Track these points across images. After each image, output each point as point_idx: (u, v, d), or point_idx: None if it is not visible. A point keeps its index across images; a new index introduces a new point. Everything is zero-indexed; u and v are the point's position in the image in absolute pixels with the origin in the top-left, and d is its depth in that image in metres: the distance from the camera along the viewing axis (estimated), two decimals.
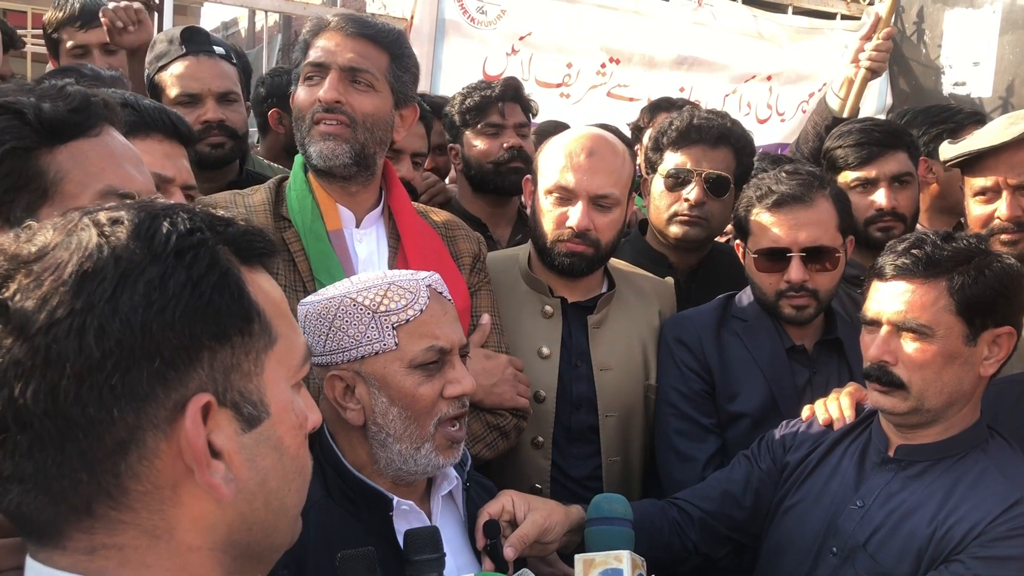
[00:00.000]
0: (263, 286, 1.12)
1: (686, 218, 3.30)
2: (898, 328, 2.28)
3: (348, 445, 2.11)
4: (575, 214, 2.78)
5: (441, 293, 2.11)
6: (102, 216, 1.04)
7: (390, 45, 2.60)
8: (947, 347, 2.25)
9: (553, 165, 2.83)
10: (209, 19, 10.33)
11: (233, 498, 1.04)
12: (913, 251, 2.31)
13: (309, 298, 2.10)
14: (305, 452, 1.16)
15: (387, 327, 2.00)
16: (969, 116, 4.00)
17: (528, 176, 3.00)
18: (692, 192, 3.29)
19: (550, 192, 2.83)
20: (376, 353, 2.02)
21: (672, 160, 3.35)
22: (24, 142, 1.62)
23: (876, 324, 2.32)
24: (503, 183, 3.76)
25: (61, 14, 4.36)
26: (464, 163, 3.86)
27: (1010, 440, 2.34)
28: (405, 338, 2.01)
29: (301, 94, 2.59)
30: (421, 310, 2.03)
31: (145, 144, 2.36)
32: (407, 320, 2.01)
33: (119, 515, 1.01)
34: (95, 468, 0.98)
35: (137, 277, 0.98)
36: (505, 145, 3.76)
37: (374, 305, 2.01)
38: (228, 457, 1.04)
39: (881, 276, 2.33)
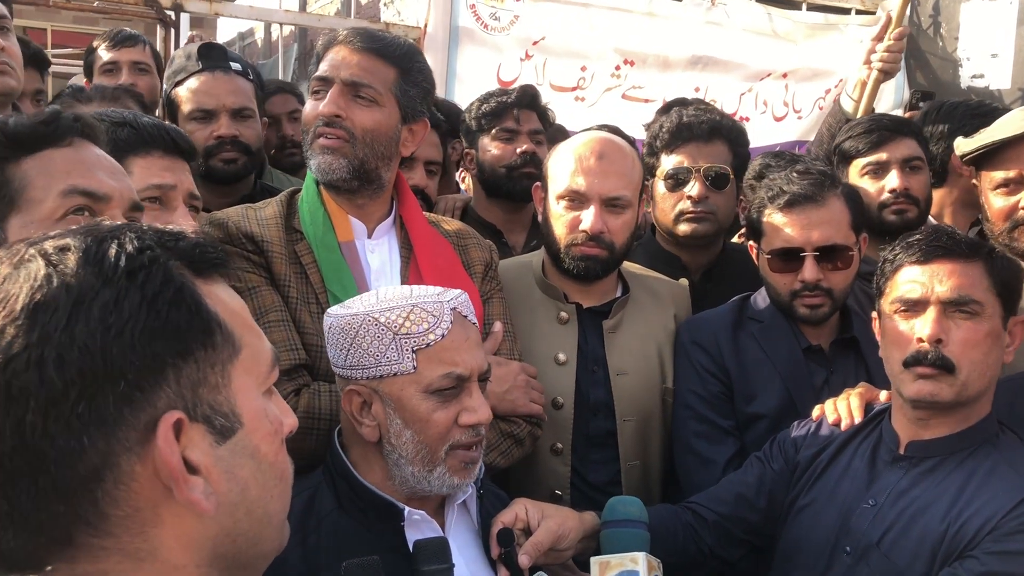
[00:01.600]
0: (221, 297, 1.11)
1: (692, 215, 3.32)
2: (948, 307, 2.27)
3: (363, 458, 2.11)
4: (588, 217, 2.79)
5: (466, 317, 2.10)
6: (48, 245, 1.03)
7: (398, 59, 2.60)
8: (993, 327, 2.28)
9: (563, 170, 2.84)
10: (225, 31, 10.39)
11: (215, 512, 1.04)
12: (943, 237, 2.32)
13: (335, 309, 2.10)
14: (283, 457, 1.16)
15: (407, 350, 2.00)
16: (1000, 111, 3.98)
17: (538, 183, 3.01)
18: (694, 189, 3.31)
19: (562, 197, 2.83)
20: (394, 374, 2.02)
21: (669, 162, 3.37)
22: None
23: (921, 305, 2.30)
24: (515, 188, 3.77)
25: (100, 40, 4.55)
26: (478, 168, 3.87)
27: (1020, 434, 2.33)
28: (424, 362, 2.01)
29: (307, 108, 2.61)
30: (443, 335, 2.02)
31: (145, 160, 2.38)
32: (427, 344, 2.01)
33: (100, 542, 1.00)
34: (71, 498, 0.98)
35: (91, 303, 0.98)
36: (519, 151, 3.77)
37: (395, 327, 2.00)
38: (206, 471, 1.03)
39: (919, 260, 2.32)
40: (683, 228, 3.34)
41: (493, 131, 3.83)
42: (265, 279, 2.46)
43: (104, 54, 4.49)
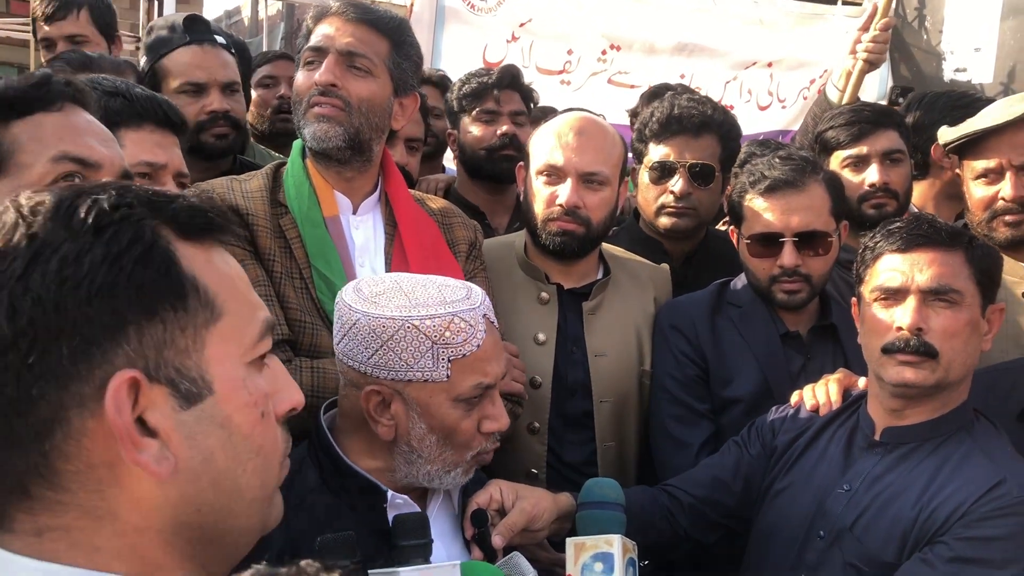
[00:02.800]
0: (213, 262, 1.09)
1: (673, 209, 3.32)
2: (928, 296, 2.29)
3: (358, 444, 2.09)
4: (564, 191, 2.81)
5: (493, 322, 2.09)
6: (22, 199, 1.03)
7: (391, 32, 2.59)
8: (972, 316, 2.29)
9: (543, 147, 2.86)
10: (211, 7, 10.32)
11: (171, 477, 1.01)
12: (923, 225, 2.34)
13: (361, 306, 2.01)
14: (263, 431, 1.11)
15: (443, 359, 1.98)
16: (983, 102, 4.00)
17: (521, 163, 3.02)
18: (677, 184, 3.30)
19: (540, 172, 2.86)
20: (425, 381, 1.99)
21: (656, 152, 3.36)
22: None
23: (901, 294, 2.31)
24: (496, 169, 3.78)
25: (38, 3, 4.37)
26: (460, 149, 3.87)
27: (995, 423, 2.36)
28: (458, 372, 1.99)
29: (300, 78, 2.59)
30: (479, 345, 2.00)
31: (137, 134, 2.37)
32: (464, 355, 1.99)
33: (56, 496, 0.99)
34: (23, 448, 0.97)
35: (51, 255, 0.97)
36: (499, 132, 3.77)
37: (435, 335, 1.97)
38: (165, 435, 1.01)
39: (900, 248, 2.34)
40: (663, 221, 3.35)
41: (474, 112, 3.83)
42: (249, 252, 2.45)
43: (41, 27, 4.31)
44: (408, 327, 1.96)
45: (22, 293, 0.95)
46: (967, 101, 3.93)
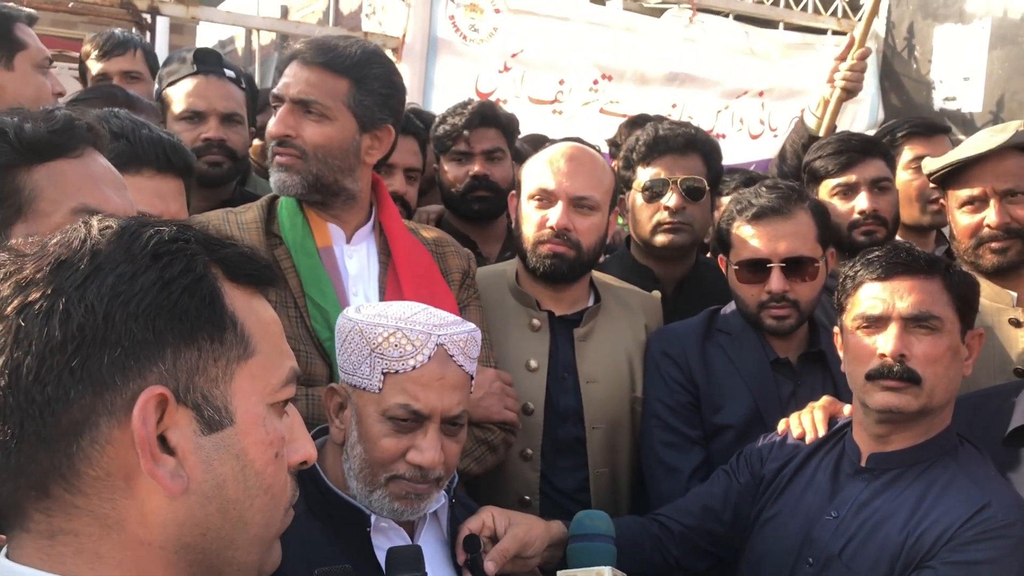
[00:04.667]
0: (253, 307, 1.15)
1: (669, 225, 3.35)
2: (909, 323, 2.31)
3: (333, 461, 2.14)
4: (555, 214, 2.84)
5: (452, 357, 2.07)
6: (95, 220, 1.10)
7: (350, 70, 2.58)
8: (953, 341, 2.32)
9: (535, 173, 2.90)
10: (205, 39, 10.37)
11: (182, 496, 1.06)
12: (902, 253, 2.37)
13: (349, 311, 2.13)
14: (274, 472, 1.15)
15: (377, 369, 2.02)
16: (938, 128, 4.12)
17: (513, 192, 3.05)
18: (671, 200, 3.33)
19: (532, 197, 2.89)
20: (363, 388, 2.05)
21: (645, 174, 3.40)
22: (2, 159, 1.66)
23: (883, 321, 2.34)
24: (469, 210, 3.79)
25: (90, 45, 4.48)
26: (440, 187, 3.90)
27: (979, 447, 2.38)
28: (389, 387, 2.02)
29: (268, 124, 2.63)
30: (415, 366, 2.02)
31: (135, 180, 2.32)
32: (396, 371, 2.02)
33: (72, 499, 1.04)
34: (50, 447, 1.02)
35: (109, 271, 1.03)
36: (470, 173, 3.77)
37: (374, 344, 2.02)
38: (182, 455, 1.06)
39: (880, 276, 2.36)
40: (660, 239, 3.37)
41: (448, 152, 3.85)
42: None
43: (94, 65, 4.43)
44: (356, 330, 2.05)
45: (78, 301, 1.01)
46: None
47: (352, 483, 2.07)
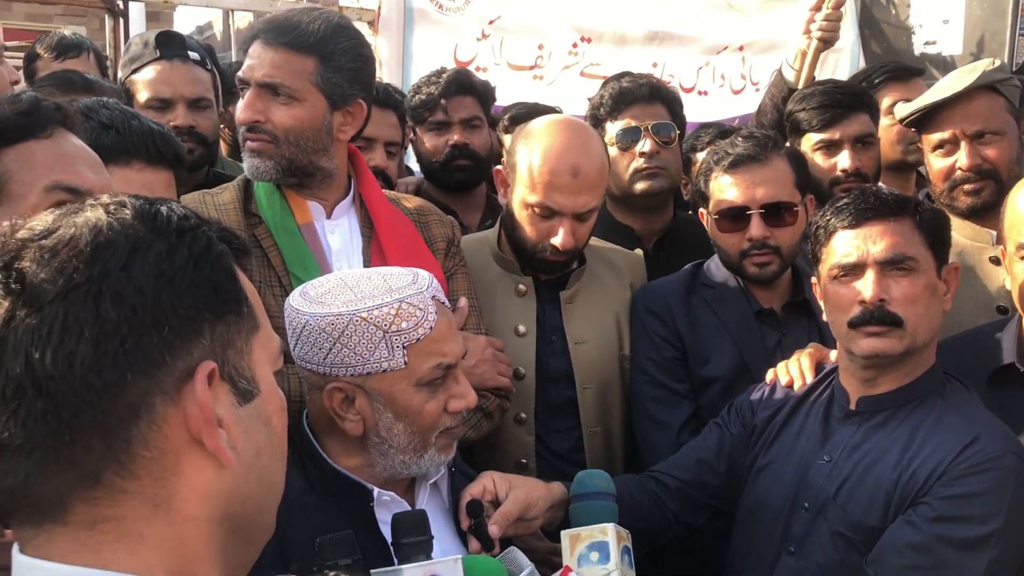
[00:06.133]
0: (246, 281, 1.16)
1: (647, 170, 3.39)
2: (885, 267, 2.32)
3: (334, 445, 2.12)
4: (560, 233, 2.79)
5: (444, 303, 2.10)
6: (106, 199, 1.09)
7: (314, 47, 2.52)
8: (930, 279, 2.33)
9: (536, 181, 2.78)
10: (183, 23, 10.30)
11: (233, 466, 1.08)
12: (870, 198, 2.38)
13: (306, 307, 2.03)
14: (285, 437, 1.20)
15: (398, 346, 1.99)
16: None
17: (499, 168, 3.00)
18: (645, 145, 3.38)
19: (535, 207, 2.81)
20: (384, 371, 2.01)
21: (615, 127, 3.45)
22: None
23: (859, 268, 2.34)
24: (451, 180, 3.79)
25: (41, 48, 4.45)
26: (418, 158, 3.89)
27: (966, 384, 2.40)
28: (415, 357, 2.01)
29: (237, 108, 2.60)
30: (431, 327, 2.02)
31: (124, 172, 2.32)
32: (418, 339, 2.01)
33: (124, 483, 1.03)
34: (107, 433, 1.01)
35: (147, 250, 1.02)
36: (449, 143, 3.77)
37: (386, 324, 1.98)
38: (227, 426, 1.07)
39: (851, 224, 2.37)
40: (640, 186, 3.40)
41: (425, 123, 3.83)
42: None
43: (47, 67, 4.33)
44: (357, 320, 1.97)
45: (127, 282, 1.00)
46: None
47: (396, 459, 2.07)
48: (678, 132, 3.48)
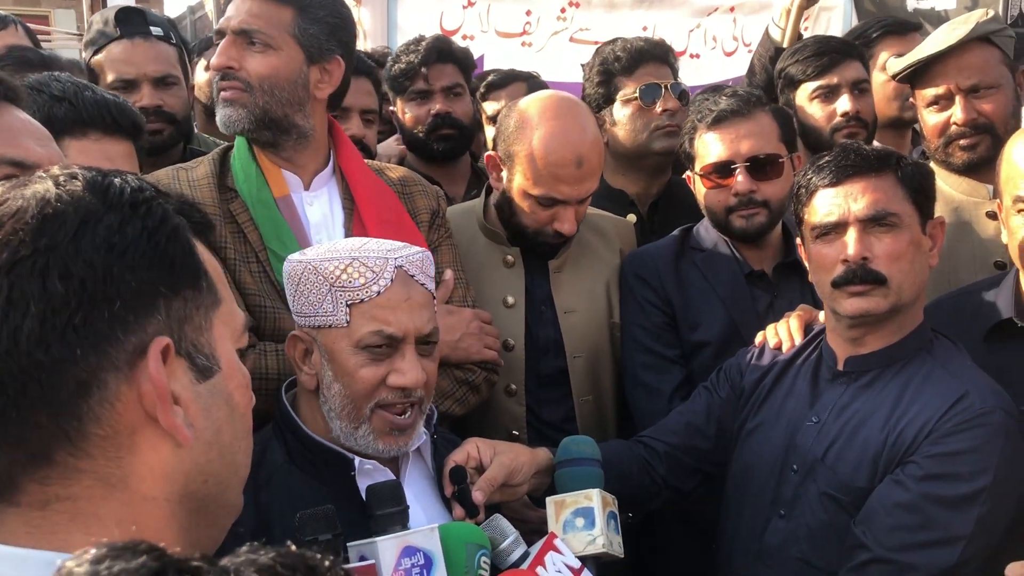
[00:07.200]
0: (208, 256, 1.14)
1: (668, 127, 3.37)
2: (867, 224, 2.29)
3: (308, 410, 2.12)
4: (564, 222, 2.78)
5: (413, 276, 2.07)
6: (56, 170, 1.07)
7: None
8: (914, 235, 2.30)
9: (540, 174, 2.73)
10: (172, 6, 10.23)
11: (191, 444, 1.06)
12: (851, 155, 2.34)
13: (293, 255, 2.11)
14: (248, 415, 1.18)
15: (341, 303, 2.00)
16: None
17: (491, 154, 2.93)
18: (669, 102, 3.39)
19: (538, 198, 2.77)
20: (329, 326, 2.03)
21: (635, 82, 3.42)
22: None
23: (841, 227, 2.31)
24: (435, 150, 3.76)
25: None
26: (400, 128, 3.84)
27: (955, 340, 2.37)
28: (357, 317, 2.01)
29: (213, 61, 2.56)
30: (379, 292, 2.00)
31: (81, 143, 2.30)
32: (361, 300, 2.00)
33: (76, 462, 1.01)
34: (57, 410, 0.99)
35: (96, 223, 1.01)
36: (432, 112, 3.72)
37: (332, 278, 2.00)
38: (185, 404, 1.06)
39: (831, 182, 2.33)
40: (660, 144, 3.39)
41: (406, 92, 3.78)
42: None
43: None
44: (309, 270, 2.02)
45: (74, 255, 0.98)
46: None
47: (335, 424, 2.06)
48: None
